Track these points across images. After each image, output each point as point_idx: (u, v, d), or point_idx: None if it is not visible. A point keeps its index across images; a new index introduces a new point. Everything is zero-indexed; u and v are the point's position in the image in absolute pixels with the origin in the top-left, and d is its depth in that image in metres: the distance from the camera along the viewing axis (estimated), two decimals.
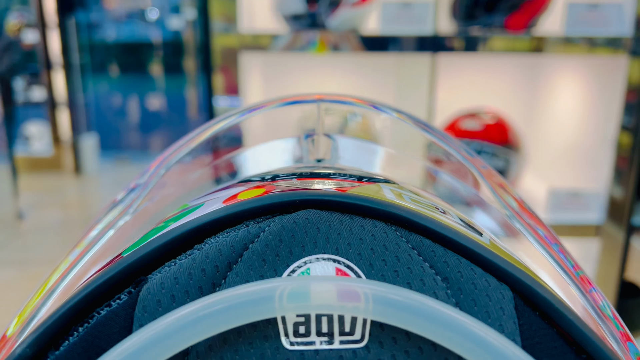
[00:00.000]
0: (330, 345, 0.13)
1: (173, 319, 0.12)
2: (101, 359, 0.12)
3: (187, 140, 0.25)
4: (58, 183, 2.99)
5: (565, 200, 1.13)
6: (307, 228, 0.14)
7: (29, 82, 3.04)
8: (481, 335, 0.12)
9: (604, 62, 1.13)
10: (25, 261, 2.20)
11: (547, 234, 0.20)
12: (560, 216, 1.14)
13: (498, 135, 1.16)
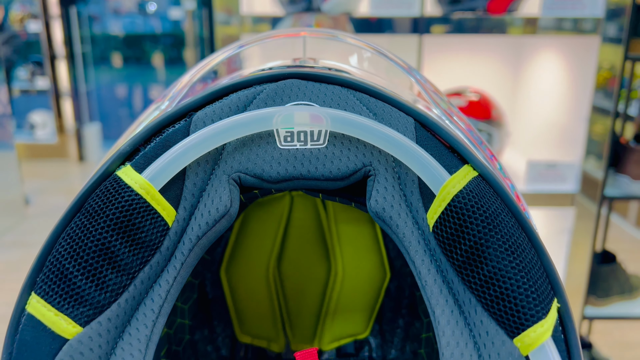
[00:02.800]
0: (305, 146, 0.21)
1: (212, 128, 0.21)
2: (169, 152, 0.20)
3: (195, 70, 0.33)
4: (62, 170, 3.07)
5: (543, 171, 1.22)
6: (292, 87, 0.22)
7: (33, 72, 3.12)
8: (389, 134, 0.20)
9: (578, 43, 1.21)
10: (31, 243, 2.28)
11: (465, 124, 0.29)
12: (539, 187, 1.22)
13: (481, 111, 1.25)
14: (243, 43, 0.35)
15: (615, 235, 2.36)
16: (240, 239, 0.34)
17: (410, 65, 0.33)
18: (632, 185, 1.31)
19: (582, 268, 1.31)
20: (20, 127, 3.15)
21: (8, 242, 2.29)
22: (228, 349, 0.35)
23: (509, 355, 0.18)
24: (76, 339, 0.19)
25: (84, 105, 3.27)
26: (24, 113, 3.18)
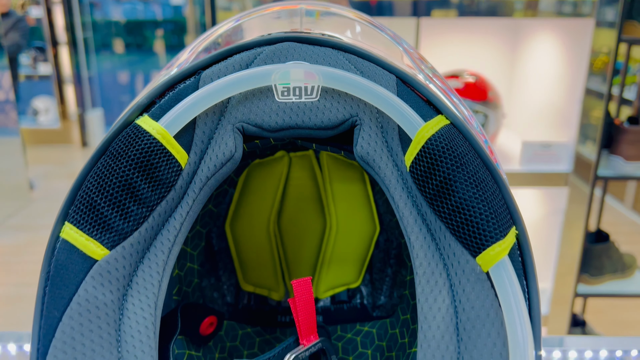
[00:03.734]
0: (300, 99, 0.24)
1: (219, 82, 0.24)
2: (181, 103, 0.23)
3: (198, 42, 0.35)
4: (66, 155, 3.11)
5: (537, 151, 1.25)
6: (288, 49, 0.25)
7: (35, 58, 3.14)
8: (373, 88, 0.23)
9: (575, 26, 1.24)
10: (36, 227, 2.32)
11: (447, 88, 0.32)
12: (533, 167, 1.25)
13: (478, 93, 1.27)
14: (242, 14, 0.37)
15: (612, 218, 2.39)
16: (243, 197, 0.38)
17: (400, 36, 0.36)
18: (626, 166, 1.33)
19: (576, 247, 1.35)
20: (23, 113, 3.18)
21: (14, 226, 2.33)
22: (232, 296, 0.39)
23: (472, 271, 0.22)
24: (104, 259, 0.22)
25: (86, 91, 3.29)
26: (27, 99, 3.20)
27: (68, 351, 0.21)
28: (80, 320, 0.21)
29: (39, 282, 0.23)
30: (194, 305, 0.33)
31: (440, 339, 0.21)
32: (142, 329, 0.22)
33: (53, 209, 2.47)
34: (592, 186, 1.27)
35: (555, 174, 1.26)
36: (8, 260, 2.06)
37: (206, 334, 0.34)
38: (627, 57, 1.61)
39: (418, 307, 0.22)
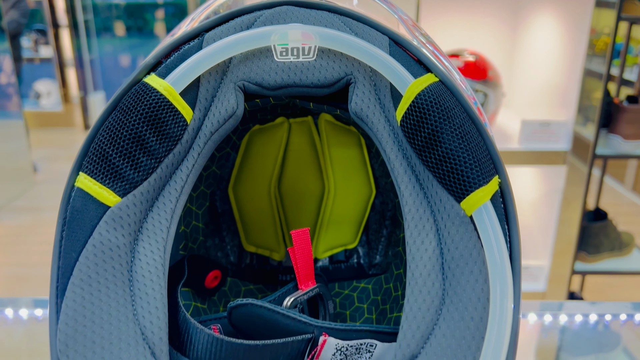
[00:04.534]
0: (297, 59, 0.26)
1: (221, 43, 0.25)
2: (186, 62, 0.25)
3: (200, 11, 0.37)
4: (68, 138, 3.12)
5: (536, 129, 1.26)
6: (287, 12, 0.26)
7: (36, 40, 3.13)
8: (366, 47, 0.25)
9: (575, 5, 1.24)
10: (40, 209, 2.34)
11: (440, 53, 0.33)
12: (532, 145, 1.27)
13: (477, 72, 1.28)
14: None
15: (612, 199, 2.40)
16: (245, 162, 0.39)
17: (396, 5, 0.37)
18: (624, 145, 1.35)
19: (574, 225, 1.36)
20: (25, 96, 3.19)
21: (19, 208, 2.35)
22: (236, 256, 0.41)
23: (457, 215, 0.23)
24: (116, 206, 0.24)
25: (87, 74, 3.30)
26: (29, 82, 3.21)
27: (85, 287, 0.23)
28: (95, 260, 0.23)
29: (56, 228, 0.24)
30: (199, 258, 0.35)
31: (426, 277, 0.23)
32: (152, 269, 0.24)
33: (57, 191, 2.49)
34: (590, 165, 1.28)
35: (553, 152, 1.27)
36: (13, 241, 2.09)
37: (211, 287, 0.35)
38: (627, 37, 1.61)
39: (407, 249, 0.24)
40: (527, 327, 0.70)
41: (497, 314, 0.21)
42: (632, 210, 2.34)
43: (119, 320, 0.22)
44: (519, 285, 0.23)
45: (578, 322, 0.55)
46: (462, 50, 1.33)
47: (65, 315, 0.22)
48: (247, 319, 0.26)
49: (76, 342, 0.22)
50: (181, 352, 0.25)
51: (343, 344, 0.26)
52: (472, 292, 0.22)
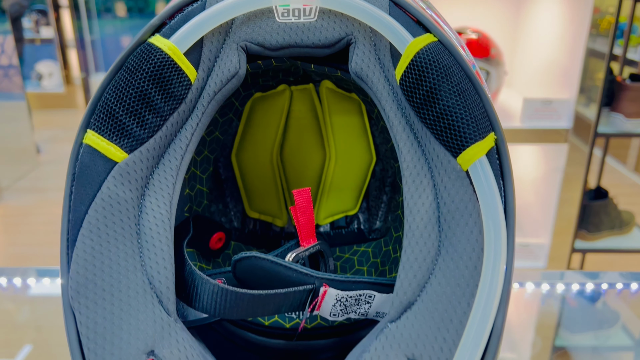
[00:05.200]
0: (299, 20, 0.27)
1: (224, 3, 0.26)
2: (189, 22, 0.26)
3: None
4: (71, 119, 3.12)
5: (538, 108, 1.26)
6: None
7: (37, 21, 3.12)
8: (366, 8, 0.25)
9: None
10: (44, 189, 2.36)
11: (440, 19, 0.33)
12: (534, 124, 1.27)
13: (480, 49, 1.28)
14: None
15: (614, 180, 2.40)
16: (247, 129, 0.40)
17: None
18: (626, 123, 1.34)
19: (574, 203, 1.37)
20: (27, 78, 3.18)
21: (23, 188, 2.37)
22: (239, 221, 0.42)
23: (453, 170, 0.24)
24: (124, 162, 0.25)
25: (89, 55, 3.28)
26: (30, 63, 3.20)
27: (94, 239, 0.23)
28: (104, 213, 0.24)
29: (65, 183, 0.25)
30: (204, 219, 0.36)
31: (423, 229, 0.24)
32: (159, 222, 0.25)
33: (60, 172, 2.50)
34: (591, 143, 1.28)
35: (555, 130, 1.27)
36: (18, 221, 2.11)
37: (215, 248, 0.36)
38: (631, 16, 1.60)
39: (404, 204, 0.25)
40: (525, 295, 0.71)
41: (490, 263, 0.22)
42: (633, 191, 2.34)
43: (127, 270, 0.23)
44: (512, 237, 0.24)
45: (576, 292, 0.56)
46: (464, 28, 1.32)
47: (76, 265, 0.23)
48: (251, 271, 0.27)
49: (87, 289, 0.23)
50: (188, 304, 0.26)
51: (343, 295, 0.27)
52: (467, 242, 0.23)
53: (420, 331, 0.22)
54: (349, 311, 0.28)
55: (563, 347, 0.81)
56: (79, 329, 0.22)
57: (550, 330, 0.85)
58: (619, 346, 0.83)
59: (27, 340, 0.74)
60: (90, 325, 0.22)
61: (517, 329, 0.85)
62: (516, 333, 0.86)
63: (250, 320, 0.36)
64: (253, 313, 0.26)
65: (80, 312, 0.22)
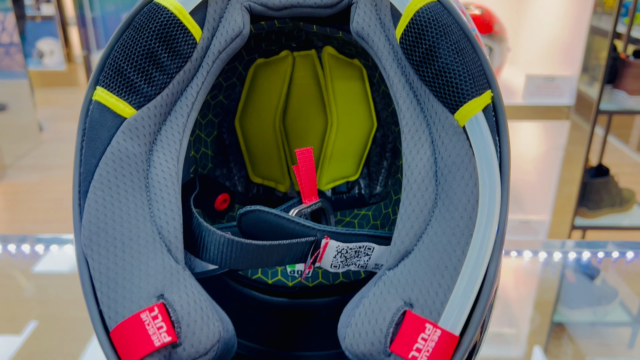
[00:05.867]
0: None
1: None
2: None
3: None
4: (73, 97, 3.12)
5: (541, 84, 1.26)
6: None
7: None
8: None
9: None
10: (48, 167, 2.37)
11: None
12: (536, 100, 1.27)
13: (483, 25, 1.27)
14: None
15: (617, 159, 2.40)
16: (250, 95, 0.41)
17: None
18: (629, 100, 1.34)
19: (575, 181, 1.38)
20: (28, 55, 3.17)
21: (26, 166, 2.38)
22: (243, 186, 0.43)
23: (450, 125, 0.25)
24: (132, 117, 0.26)
25: (90, 33, 3.27)
26: (31, 40, 3.19)
27: (105, 190, 0.24)
28: (114, 166, 0.25)
29: (76, 139, 0.26)
30: (209, 180, 0.37)
31: (420, 182, 0.25)
32: (167, 176, 0.26)
33: (63, 150, 2.52)
34: (593, 120, 1.28)
35: (557, 108, 1.27)
36: (23, 199, 2.13)
37: (220, 209, 0.37)
38: None
39: (403, 160, 0.26)
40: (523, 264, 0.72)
41: (485, 213, 0.23)
42: (635, 170, 2.34)
43: (137, 220, 0.24)
44: (506, 190, 0.24)
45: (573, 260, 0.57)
46: (468, 3, 1.31)
47: (88, 214, 0.24)
48: (255, 224, 0.28)
49: (99, 237, 0.24)
50: (195, 255, 0.27)
51: (343, 247, 0.28)
52: (463, 194, 0.24)
53: (416, 277, 0.23)
54: (349, 263, 0.29)
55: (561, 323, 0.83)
56: (91, 275, 0.23)
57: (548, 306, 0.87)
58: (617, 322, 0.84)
59: (32, 315, 0.75)
60: (102, 271, 0.23)
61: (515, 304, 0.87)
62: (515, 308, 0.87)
63: (254, 279, 0.37)
64: (258, 264, 0.27)
65: (92, 259, 0.23)
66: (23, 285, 0.82)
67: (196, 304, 0.23)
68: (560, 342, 0.79)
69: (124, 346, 0.22)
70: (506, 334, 0.82)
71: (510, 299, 0.87)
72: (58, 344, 0.73)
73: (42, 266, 0.81)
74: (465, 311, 0.22)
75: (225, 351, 0.25)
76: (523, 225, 1.41)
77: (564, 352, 0.74)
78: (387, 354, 0.22)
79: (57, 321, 0.77)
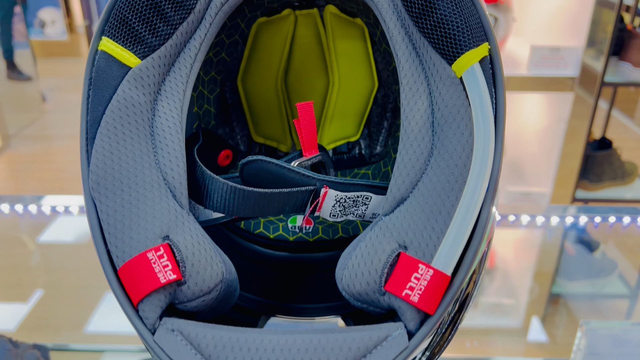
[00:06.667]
0: None
1: None
2: None
3: None
4: (75, 68, 3.11)
5: (546, 55, 1.25)
6: None
7: None
8: None
9: None
10: (51, 137, 2.37)
11: None
12: (541, 72, 1.26)
13: None
14: None
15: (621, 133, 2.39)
16: (252, 53, 0.41)
17: None
18: (634, 72, 1.33)
19: (577, 153, 1.38)
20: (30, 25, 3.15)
21: (30, 136, 2.38)
22: (246, 146, 0.43)
23: (447, 76, 0.25)
24: (137, 67, 0.26)
25: (92, 2, 3.23)
26: (33, 10, 3.16)
27: (112, 136, 0.25)
28: (120, 114, 0.25)
29: (83, 88, 0.27)
30: (212, 134, 0.37)
31: (417, 132, 0.25)
32: (171, 125, 0.26)
33: (66, 120, 2.52)
34: (598, 92, 1.28)
35: (561, 79, 1.27)
36: (27, 168, 2.14)
37: (223, 165, 0.38)
38: None
39: (401, 111, 0.26)
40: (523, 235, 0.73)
41: (478, 161, 0.24)
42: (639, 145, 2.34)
43: (142, 166, 0.25)
44: (500, 140, 0.25)
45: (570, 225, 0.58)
46: None
47: (95, 159, 0.25)
48: (257, 174, 0.28)
49: (106, 181, 0.24)
50: (199, 203, 0.28)
51: (342, 196, 0.29)
52: (458, 143, 0.24)
53: (411, 221, 0.24)
54: (347, 212, 0.30)
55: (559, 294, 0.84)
56: (99, 217, 0.24)
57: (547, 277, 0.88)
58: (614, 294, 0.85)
59: (39, 284, 0.77)
60: (110, 213, 0.24)
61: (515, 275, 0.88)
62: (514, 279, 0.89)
63: (257, 233, 0.38)
64: (259, 211, 0.28)
65: (100, 201, 0.24)
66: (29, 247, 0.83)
67: (200, 245, 0.24)
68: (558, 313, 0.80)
69: (131, 283, 0.23)
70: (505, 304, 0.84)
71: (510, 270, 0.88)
72: (64, 311, 0.74)
73: (46, 236, 0.82)
74: (457, 253, 0.23)
75: (228, 294, 0.26)
76: (524, 197, 1.41)
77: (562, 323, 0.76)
78: (381, 292, 0.23)
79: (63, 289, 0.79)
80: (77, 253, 0.83)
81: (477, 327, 0.78)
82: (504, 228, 0.74)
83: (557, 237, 0.80)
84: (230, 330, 0.22)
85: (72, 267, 0.84)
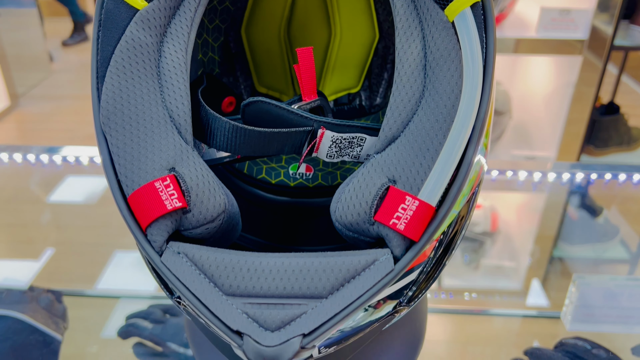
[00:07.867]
0: None
1: None
2: None
3: None
4: None
5: (555, 17, 1.23)
6: None
7: None
8: None
9: None
10: (59, 97, 2.38)
11: None
12: (550, 34, 1.25)
13: None
14: None
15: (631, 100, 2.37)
16: (256, 3, 0.42)
17: None
18: None
19: (583, 118, 1.37)
20: None
21: (38, 96, 2.40)
22: (249, 95, 0.44)
23: (440, 21, 0.26)
24: (144, 9, 0.27)
25: None
26: None
27: (120, 75, 0.27)
28: (128, 54, 0.27)
29: (92, 29, 0.28)
30: (216, 80, 0.39)
31: (410, 75, 0.26)
32: (176, 65, 0.28)
33: (74, 80, 2.53)
34: (607, 55, 1.27)
35: (570, 42, 1.25)
36: (35, 128, 2.16)
37: (227, 111, 0.40)
38: None
39: (396, 54, 0.27)
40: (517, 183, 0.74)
41: (465, 102, 0.25)
42: None
43: (150, 104, 0.27)
44: (489, 84, 0.26)
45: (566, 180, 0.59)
46: None
47: (105, 96, 0.26)
48: (258, 114, 0.30)
49: (116, 116, 0.26)
50: (203, 141, 0.30)
51: (338, 137, 0.30)
52: (448, 85, 0.26)
53: (400, 158, 0.25)
54: (343, 153, 0.31)
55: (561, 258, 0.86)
56: (110, 150, 0.26)
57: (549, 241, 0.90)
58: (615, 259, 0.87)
59: (49, 242, 0.79)
60: (120, 145, 0.26)
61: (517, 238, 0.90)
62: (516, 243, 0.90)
63: (259, 178, 0.40)
64: (260, 150, 0.30)
65: (111, 135, 0.26)
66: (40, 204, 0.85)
67: (204, 177, 0.26)
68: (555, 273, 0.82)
69: (140, 209, 0.24)
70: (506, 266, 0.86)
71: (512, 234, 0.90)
72: (76, 268, 0.77)
73: (56, 196, 0.84)
74: (442, 186, 0.24)
75: (230, 226, 0.27)
76: (529, 161, 1.42)
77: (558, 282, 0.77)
78: (371, 222, 0.24)
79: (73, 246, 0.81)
80: (86, 212, 0.86)
81: (480, 288, 0.80)
82: (506, 191, 0.75)
83: (561, 201, 0.81)
84: (231, 253, 0.24)
85: (83, 225, 0.87)
